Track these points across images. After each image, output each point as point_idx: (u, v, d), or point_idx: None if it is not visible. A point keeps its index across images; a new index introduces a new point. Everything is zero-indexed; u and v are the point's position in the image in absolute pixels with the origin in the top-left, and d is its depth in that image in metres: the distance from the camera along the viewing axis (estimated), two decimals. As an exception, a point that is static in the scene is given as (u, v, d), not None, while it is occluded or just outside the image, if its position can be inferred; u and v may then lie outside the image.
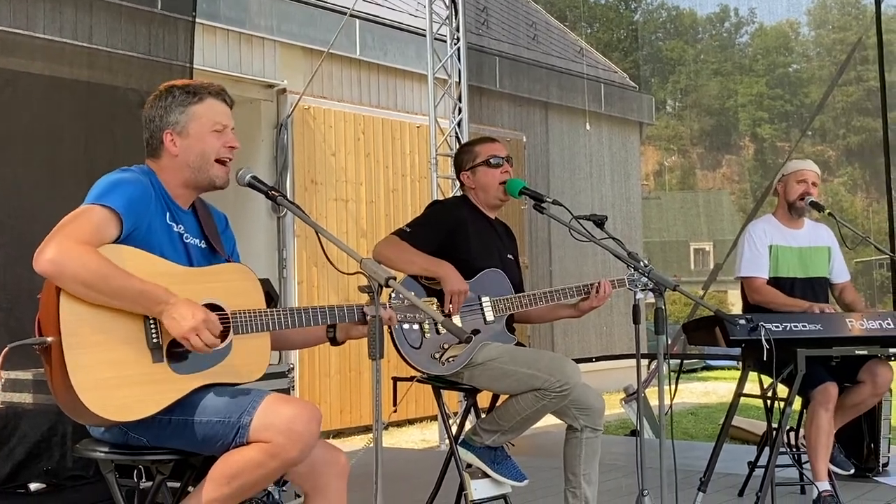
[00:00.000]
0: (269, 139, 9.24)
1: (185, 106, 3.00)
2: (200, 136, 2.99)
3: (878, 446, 5.94)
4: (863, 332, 4.65)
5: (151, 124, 3.02)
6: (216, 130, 3.02)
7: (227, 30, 8.69)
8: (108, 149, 5.34)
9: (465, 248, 4.16)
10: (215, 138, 3.02)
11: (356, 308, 3.08)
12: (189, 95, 3.01)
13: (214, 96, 3.05)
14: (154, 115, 3.01)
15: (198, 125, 3.00)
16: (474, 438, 4.11)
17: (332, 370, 9.27)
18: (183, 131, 2.99)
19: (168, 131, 2.99)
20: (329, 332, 3.21)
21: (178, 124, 2.99)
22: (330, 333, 3.21)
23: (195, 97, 3.01)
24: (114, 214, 2.76)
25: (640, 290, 4.00)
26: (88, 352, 2.67)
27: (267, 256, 9.09)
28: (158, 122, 3.00)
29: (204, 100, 3.02)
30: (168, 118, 2.99)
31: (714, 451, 5.06)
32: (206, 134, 3.00)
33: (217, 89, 3.08)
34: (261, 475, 2.76)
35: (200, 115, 3.00)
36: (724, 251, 10.70)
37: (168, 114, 2.99)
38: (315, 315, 3.03)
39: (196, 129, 2.99)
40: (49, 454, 4.68)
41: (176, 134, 2.99)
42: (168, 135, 2.99)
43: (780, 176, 5.34)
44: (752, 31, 14.86)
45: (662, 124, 15.61)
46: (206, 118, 3.01)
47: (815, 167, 5.31)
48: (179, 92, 3.02)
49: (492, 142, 4.43)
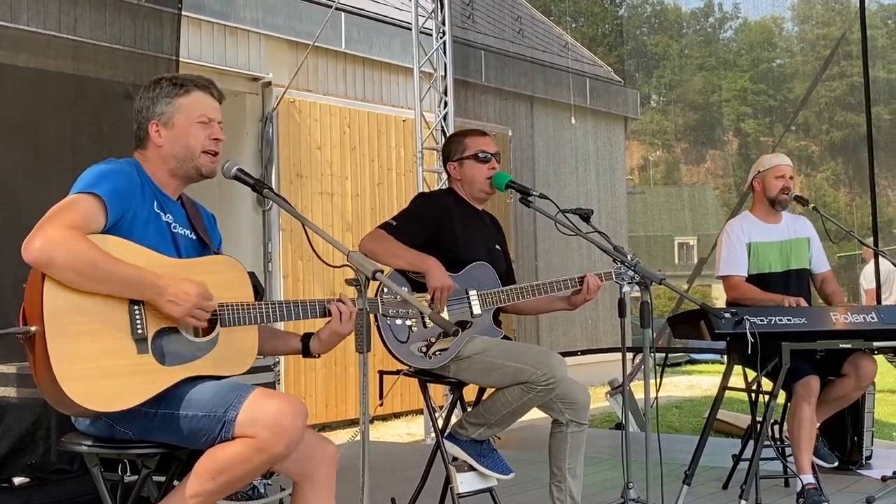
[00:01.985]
0: (254, 132, 9.21)
1: (171, 97, 3.00)
2: (185, 128, 2.99)
3: (862, 439, 5.97)
4: (847, 325, 4.67)
5: (139, 115, 3.02)
6: (201, 122, 3.02)
7: (213, 22, 8.66)
8: (94, 141, 5.31)
9: (452, 241, 4.15)
10: (200, 130, 3.01)
11: (346, 300, 3.09)
12: (176, 87, 3.01)
13: (202, 89, 3.05)
14: (142, 106, 3.02)
15: (183, 117, 3.00)
16: (460, 432, 4.11)
17: (318, 364, 9.26)
18: (168, 122, 2.99)
19: (154, 122, 2.99)
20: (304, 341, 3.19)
21: (164, 115, 2.99)
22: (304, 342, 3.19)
23: (181, 89, 3.01)
24: (100, 203, 2.75)
25: (627, 283, 4.01)
26: (72, 341, 2.65)
27: (252, 250, 9.07)
28: (145, 113, 3.01)
29: (191, 92, 3.02)
30: (154, 109, 3.00)
31: (699, 444, 5.09)
32: (190, 126, 3.00)
33: (205, 82, 3.08)
34: (246, 470, 2.75)
35: (186, 107, 3.00)
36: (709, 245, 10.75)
37: (155, 105, 3.00)
38: (304, 308, 3.03)
39: (181, 120, 2.99)
40: (33, 448, 4.65)
41: (161, 125, 2.99)
42: (154, 125, 2.99)
43: (756, 172, 5.33)
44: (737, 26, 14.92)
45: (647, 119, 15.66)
46: (192, 110, 3.01)
47: (788, 160, 5.33)
48: (167, 83, 3.02)
49: (482, 135, 4.42)
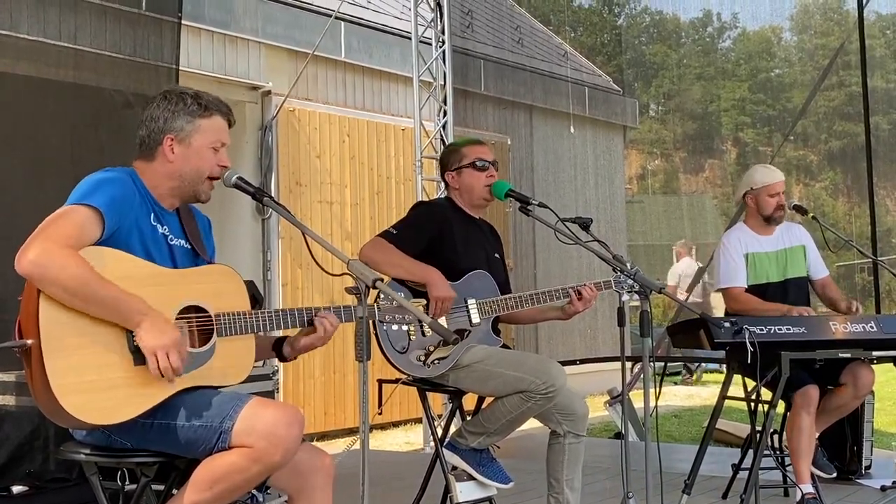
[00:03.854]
0: (253, 141, 9.21)
1: (193, 117, 2.99)
2: (199, 151, 2.99)
3: (861, 449, 5.97)
4: (846, 335, 4.67)
5: (153, 123, 2.99)
6: (214, 148, 3.02)
7: (213, 31, 8.66)
8: (94, 150, 5.32)
9: (452, 250, 4.16)
10: (212, 155, 3.02)
11: (342, 308, 3.09)
12: (201, 108, 3.01)
13: (222, 115, 3.06)
14: (158, 116, 2.99)
15: (201, 139, 3.00)
16: (459, 441, 4.11)
17: (317, 372, 9.24)
18: (185, 140, 2.98)
19: (170, 136, 2.98)
20: (276, 347, 3.19)
21: (183, 132, 2.98)
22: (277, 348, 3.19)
23: (206, 111, 3.01)
24: (97, 213, 2.75)
25: (626, 292, 4.01)
26: (68, 355, 2.65)
27: (251, 258, 9.05)
28: (161, 124, 2.99)
29: (212, 116, 3.03)
30: (173, 123, 2.98)
31: (698, 453, 5.09)
32: (205, 149, 3.00)
33: (227, 109, 3.09)
34: (243, 480, 2.75)
35: (206, 130, 3.01)
36: (707, 255, 10.74)
37: (174, 119, 2.98)
38: (301, 316, 3.03)
39: (198, 142, 2.99)
40: (32, 457, 4.65)
41: (177, 141, 2.98)
42: (168, 139, 2.98)
43: (749, 188, 5.30)
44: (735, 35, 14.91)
45: (646, 128, 15.65)
46: (210, 134, 3.02)
47: (781, 175, 5.29)
48: (192, 101, 3.01)
49: (479, 144, 4.44)
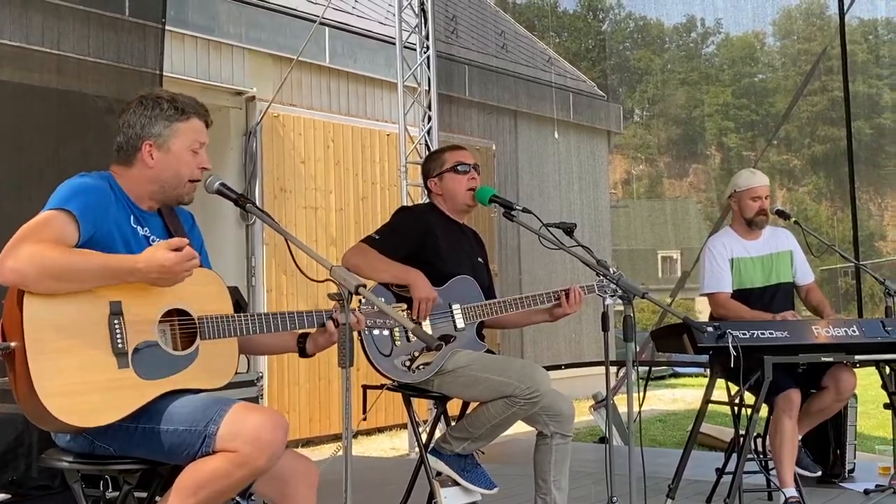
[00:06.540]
0: (237, 147, 9.20)
1: (170, 121, 2.98)
2: (179, 155, 2.98)
3: (844, 452, 5.98)
4: (828, 339, 4.69)
5: (130, 130, 2.98)
6: (193, 150, 3.01)
7: (196, 37, 8.65)
8: (78, 156, 5.30)
9: (435, 254, 4.16)
10: (192, 158, 3.01)
11: (324, 313, 3.08)
12: (177, 112, 2.99)
13: (199, 117, 3.04)
14: (135, 122, 2.97)
15: (179, 143, 2.98)
16: (444, 446, 4.11)
17: (302, 378, 9.24)
18: (163, 145, 2.97)
19: (148, 142, 2.96)
20: (300, 342, 3.20)
21: (161, 137, 2.97)
22: (301, 343, 3.20)
23: (183, 115, 3.00)
24: (72, 218, 2.74)
25: (610, 297, 4.02)
26: (52, 357, 2.64)
27: (235, 265, 9.04)
28: (139, 130, 2.97)
29: (190, 118, 3.01)
30: (151, 129, 2.96)
31: (682, 457, 5.09)
32: (185, 153, 2.99)
33: (203, 110, 3.07)
34: (227, 485, 2.74)
35: (184, 133, 2.99)
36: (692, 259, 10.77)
37: (152, 124, 2.97)
38: (283, 320, 3.03)
39: (177, 146, 2.98)
40: (15, 464, 4.63)
41: (156, 147, 2.97)
42: (147, 145, 2.96)
43: (733, 191, 5.33)
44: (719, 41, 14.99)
45: (630, 133, 15.72)
46: (188, 136, 3.00)
47: (764, 180, 5.31)
48: (168, 105, 2.99)
49: (459, 149, 4.46)
